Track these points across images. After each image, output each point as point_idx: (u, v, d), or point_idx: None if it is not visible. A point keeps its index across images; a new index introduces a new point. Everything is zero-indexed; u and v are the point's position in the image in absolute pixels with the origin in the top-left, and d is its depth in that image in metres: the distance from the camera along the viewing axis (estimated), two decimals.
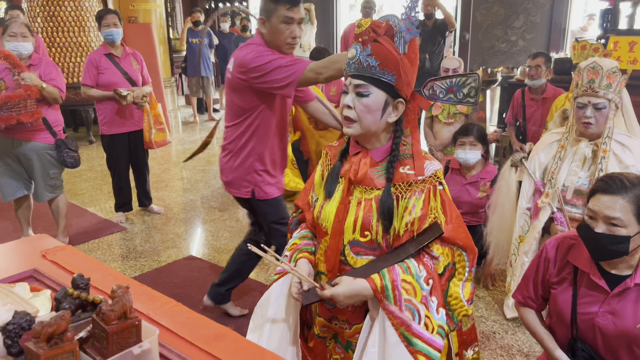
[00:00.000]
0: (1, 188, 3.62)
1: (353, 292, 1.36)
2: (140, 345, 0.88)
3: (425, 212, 1.43)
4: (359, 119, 1.43)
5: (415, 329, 1.34)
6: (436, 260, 1.42)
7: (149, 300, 1.23)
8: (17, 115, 3.18)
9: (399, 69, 1.39)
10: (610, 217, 1.47)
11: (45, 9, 6.80)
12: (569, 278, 1.64)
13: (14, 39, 3.32)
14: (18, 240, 1.63)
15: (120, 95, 3.94)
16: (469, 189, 3.34)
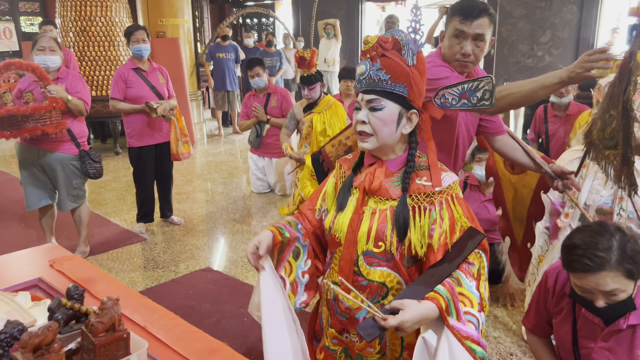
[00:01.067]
0: (26, 197, 3.71)
1: (422, 317, 1.32)
2: (128, 359, 0.88)
3: (452, 222, 1.44)
4: (375, 132, 1.44)
5: (477, 338, 1.35)
6: (472, 266, 1.43)
7: (148, 313, 1.24)
8: (43, 127, 3.27)
9: (410, 80, 1.41)
10: (607, 291, 1.44)
11: (77, 24, 7.01)
12: (567, 308, 1.61)
13: (42, 52, 3.43)
14: (29, 249, 1.65)
15: (151, 107, 4.02)
16: (487, 206, 3.28)
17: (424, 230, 1.44)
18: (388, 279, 1.48)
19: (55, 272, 1.47)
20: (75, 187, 3.71)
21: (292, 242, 1.64)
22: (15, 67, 3.25)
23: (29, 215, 4.62)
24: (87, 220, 3.96)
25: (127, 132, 4.23)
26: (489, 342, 2.82)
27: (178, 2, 8.13)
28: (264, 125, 5.38)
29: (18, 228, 4.61)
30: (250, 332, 2.93)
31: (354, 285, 1.50)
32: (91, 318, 0.88)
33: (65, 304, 0.97)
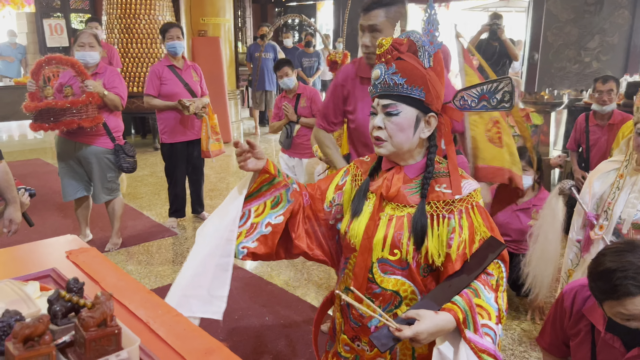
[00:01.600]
0: (63, 188, 3.84)
1: (438, 328, 1.27)
2: (118, 354, 0.88)
3: (472, 231, 1.39)
4: (390, 137, 1.39)
5: (494, 352, 1.30)
6: (491, 277, 1.37)
7: (152, 308, 1.24)
8: (79, 120, 3.37)
9: (427, 83, 1.36)
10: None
11: (122, 22, 7.21)
12: (585, 330, 1.52)
13: (82, 48, 3.54)
14: (48, 239, 1.70)
15: (183, 105, 4.09)
16: (519, 216, 3.18)
17: (442, 239, 1.39)
18: (402, 287, 1.43)
19: (70, 263, 1.50)
20: (110, 180, 3.80)
21: (280, 187, 1.54)
22: (55, 62, 3.36)
23: (68, 205, 4.76)
24: (121, 212, 4.05)
25: (160, 128, 4.31)
26: (515, 357, 2.73)
27: (220, 2, 8.25)
28: (294, 126, 5.38)
29: (57, 218, 4.77)
30: (270, 331, 2.93)
31: (368, 293, 1.47)
32: (83, 312, 0.89)
33: (64, 296, 0.98)
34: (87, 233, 4.17)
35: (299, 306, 3.21)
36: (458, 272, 1.38)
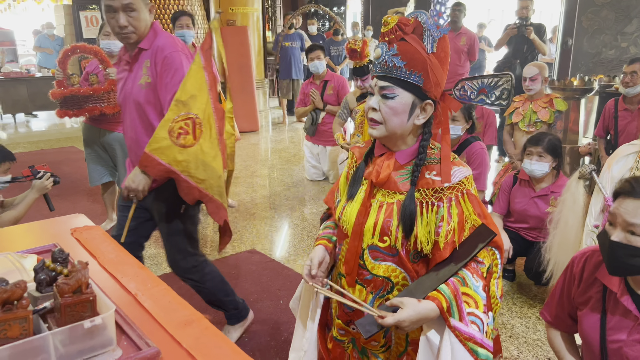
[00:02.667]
0: (89, 173, 3.97)
1: (420, 316, 1.29)
2: (92, 320, 0.92)
3: (461, 219, 1.38)
4: (385, 121, 1.38)
5: (480, 340, 1.31)
6: (482, 264, 1.37)
7: (143, 282, 1.30)
8: (101, 107, 3.48)
9: (427, 69, 1.34)
10: (629, 222, 1.29)
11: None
12: (596, 297, 1.45)
13: (107, 37, 3.64)
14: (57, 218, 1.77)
15: None
16: (537, 203, 3.12)
17: (430, 226, 1.38)
18: (393, 274, 1.44)
19: (73, 240, 1.56)
20: None
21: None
22: (80, 51, 3.47)
23: (97, 191, 4.93)
24: None
25: None
26: (528, 345, 2.69)
27: None
28: (320, 113, 5.40)
29: (86, 203, 4.94)
30: (283, 314, 2.98)
31: (360, 279, 1.48)
32: (59, 280, 0.94)
33: (48, 265, 1.04)
34: (114, 217, 4.31)
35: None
36: (447, 260, 1.38)
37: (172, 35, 2.24)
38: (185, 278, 2.46)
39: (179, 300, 1.22)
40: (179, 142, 1.99)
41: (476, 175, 3.22)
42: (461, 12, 6.07)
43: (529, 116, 3.97)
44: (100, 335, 0.93)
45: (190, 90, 2.02)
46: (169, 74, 2.08)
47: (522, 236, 3.22)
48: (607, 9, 7.15)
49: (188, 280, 2.47)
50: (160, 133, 1.97)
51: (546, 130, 3.83)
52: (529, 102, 3.99)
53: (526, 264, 3.17)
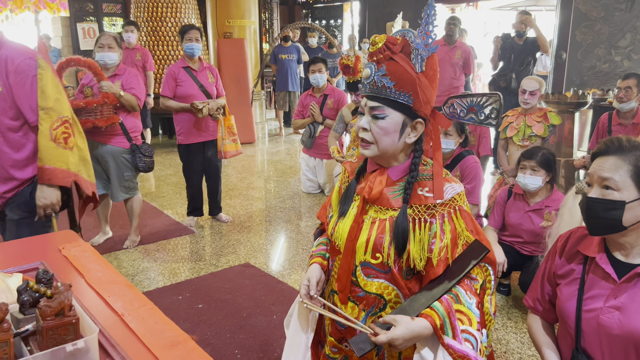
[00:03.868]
0: None
1: (413, 334, 1.27)
2: (74, 343, 0.91)
3: (454, 235, 1.37)
4: (376, 141, 1.38)
5: (474, 358, 1.29)
6: (475, 281, 1.37)
7: (130, 301, 1.28)
8: (94, 120, 3.47)
9: (416, 88, 1.33)
10: (603, 177, 1.32)
11: (149, 25, 7.38)
12: (576, 270, 1.46)
13: (101, 49, 3.64)
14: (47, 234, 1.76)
15: (196, 108, 4.14)
16: (532, 217, 3.12)
17: (423, 243, 1.37)
18: (386, 291, 1.43)
19: (62, 257, 1.55)
20: (127, 179, 3.89)
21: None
22: (74, 63, 3.47)
23: None
24: (139, 211, 4.15)
25: (176, 129, 4.39)
26: None
27: (246, 4, 8.35)
28: (318, 126, 5.39)
29: None
30: (276, 329, 2.95)
31: (352, 296, 1.47)
32: (42, 302, 0.92)
33: (32, 286, 1.02)
34: (107, 230, 4.29)
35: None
36: (440, 277, 1.37)
37: (19, 43, 2.25)
38: None
39: (165, 320, 1.20)
40: (68, 146, 2.15)
41: (470, 189, 3.22)
42: (456, 26, 6.11)
43: (523, 130, 3.98)
44: (82, 358, 0.92)
45: (52, 94, 2.13)
46: (26, 83, 2.13)
47: (517, 250, 3.21)
48: (600, 23, 7.20)
49: None
50: (46, 144, 2.09)
51: (540, 144, 3.85)
52: (522, 116, 4.00)
53: (521, 278, 3.16)
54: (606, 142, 1.39)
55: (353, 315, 1.46)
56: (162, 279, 3.61)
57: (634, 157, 1.31)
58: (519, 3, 10.28)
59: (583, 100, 4.95)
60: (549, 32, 8.00)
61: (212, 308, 3.20)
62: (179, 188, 5.86)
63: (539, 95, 3.94)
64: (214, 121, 4.38)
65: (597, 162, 1.37)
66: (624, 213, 1.30)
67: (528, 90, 3.91)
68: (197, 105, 4.13)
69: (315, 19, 13.22)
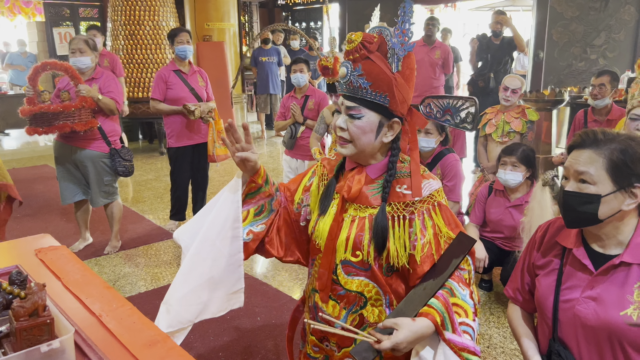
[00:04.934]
0: (61, 191, 3.89)
1: (417, 335, 1.26)
2: (49, 344, 0.89)
3: (435, 231, 1.38)
4: (353, 140, 1.38)
5: (473, 348, 1.30)
6: (464, 271, 1.38)
7: (108, 302, 1.26)
8: (72, 124, 3.41)
9: (392, 89, 1.33)
10: (579, 171, 1.33)
11: (127, 29, 7.31)
12: (554, 261, 1.47)
13: (73, 54, 3.60)
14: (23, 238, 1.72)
15: (188, 110, 4.11)
16: (512, 212, 3.15)
17: (403, 240, 1.38)
18: (366, 288, 1.43)
19: (38, 261, 1.52)
20: (107, 183, 3.84)
21: (265, 197, 1.54)
22: (50, 67, 3.41)
23: (70, 210, 4.83)
24: (119, 216, 4.09)
25: (167, 132, 4.34)
26: (505, 355, 2.70)
27: (224, 6, 8.32)
28: (299, 127, 5.37)
29: (59, 222, 4.84)
30: (260, 331, 2.94)
31: (333, 294, 1.47)
32: (14, 303, 0.90)
33: (5, 288, 1.00)
34: (87, 236, 4.23)
35: (292, 307, 3.20)
36: (430, 273, 1.37)
37: None
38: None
39: (144, 320, 1.19)
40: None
41: (451, 187, 3.24)
42: (435, 26, 6.16)
43: (502, 127, 4.02)
44: (58, 359, 0.90)
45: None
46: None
47: (498, 246, 3.24)
48: (576, 22, 7.33)
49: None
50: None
51: (519, 140, 3.89)
52: (501, 114, 4.05)
53: (502, 274, 3.18)
54: (581, 135, 1.39)
55: (335, 314, 1.46)
56: (144, 284, 3.57)
57: (608, 151, 1.31)
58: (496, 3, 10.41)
59: (560, 98, 5.02)
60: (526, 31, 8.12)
61: None
62: (160, 193, 5.80)
63: (519, 94, 3.99)
64: (205, 124, 4.34)
65: (573, 155, 1.38)
66: (600, 206, 1.31)
67: (510, 88, 3.95)
68: (189, 107, 4.09)
69: (295, 21, 13.23)
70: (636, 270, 1.33)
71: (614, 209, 1.33)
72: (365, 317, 1.44)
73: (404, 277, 1.44)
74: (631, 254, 1.34)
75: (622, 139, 1.33)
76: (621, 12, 7.09)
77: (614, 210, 1.33)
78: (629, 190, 1.32)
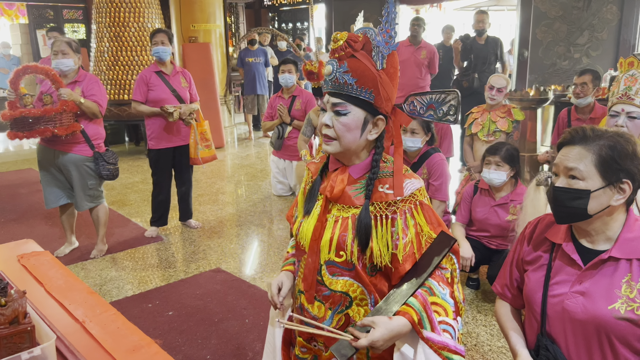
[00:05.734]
0: (45, 195, 3.85)
1: (393, 334, 1.27)
2: (30, 351, 0.88)
3: (417, 230, 1.39)
4: (338, 137, 1.39)
5: (454, 347, 1.31)
6: (445, 270, 1.38)
7: (91, 308, 1.25)
8: (53, 128, 3.37)
9: (377, 85, 1.35)
10: (568, 167, 1.35)
11: (112, 30, 7.25)
12: (543, 257, 1.49)
13: (56, 56, 3.56)
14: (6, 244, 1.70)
15: (166, 111, 4.08)
16: (497, 211, 3.17)
17: (386, 239, 1.39)
18: (351, 288, 1.43)
19: (20, 267, 1.50)
20: (91, 187, 3.81)
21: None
22: (31, 71, 3.37)
23: (55, 214, 4.78)
24: (105, 220, 4.06)
25: (147, 134, 4.31)
26: (492, 352, 2.72)
27: (210, 7, 8.28)
28: (286, 127, 5.38)
29: (44, 227, 4.78)
30: (248, 333, 2.93)
31: (318, 295, 1.47)
32: None
33: None
34: (73, 240, 4.18)
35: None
36: (411, 273, 1.38)
37: None
38: None
39: (128, 325, 1.18)
40: None
41: (437, 186, 3.26)
42: (420, 26, 6.20)
43: (488, 126, 4.05)
44: None
45: None
46: None
47: (484, 244, 3.26)
48: (559, 21, 7.41)
49: None
50: None
51: (504, 140, 3.92)
52: (487, 113, 4.08)
53: (489, 272, 3.21)
54: (571, 132, 1.41)
55: (320, 314, 1.46)
56: (131, 287, 3.54)
57: (597, 147, 1.33)
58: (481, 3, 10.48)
59: (544, 97, 5.07)
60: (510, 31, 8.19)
61: (182, 315, 3.15)
62: (146, 195, 5.75)
63: (505, 93, 4.02)
64: (187, 126, 4.31)
65: (563, 151, 1.40)
66: (589, 202, 1.33)
67: (496, 86, 3.98)
68: (167, 109, 4.06)
69: (282, 22, 13.22)
70: (624, 265, 1.35)
71: (603, 205, 1.35)
72: (351, 317, 1.44)
73: (388, 277, 1.45)
74: (619, 249, 1.36)
75: (611, 135, 1.35)
76: (604, 12, 7.17)
77: (603, 205, 1.35)
78: (617, 185, 1.34)
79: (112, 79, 7.31)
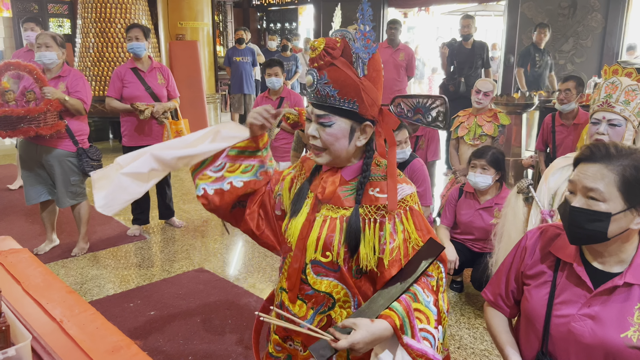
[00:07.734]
0: (26, 191, 3.78)
1: (374, 337, 1.25)
2: (4, 352, 0.86)
3: (405, 236, 1.37)
4: (327, 148, 1.37)
5: (432, 356, 1.28)
6: (431, 278, 1.36)
7: (69, 308, 1.22)
8: (37, 128, 3.31)
9: (360, 94, 1.32)
10: (588, 187, 1.25)
11: (97, 26, 7.17)
12: (547, 273, 1.41)
13: (39, 49, 3.50)
14: None
15: (136, 109, 4.00)
16: (482, 214, 3.19)
17: (373, 243, 1.37)
18: (335, 290, 1.42)
19: None
20: (73, 183, 3.75)
21: (256, 160, 1.60)
22: (13, 68, 3.31)
23: (36, 210, 4.70)
24: (87, 217, 4.00)
25: (121, 130, 4.25)
26: (475, 355, 2.73)
27: (198, 5, 8.24)
28: (274, 129, 5.35)
29: (24, 223, 4.70)
30: (232, 334, 2.91)
31: (301, 294, 1.45)
32: None
33: None
34: (54, 238, 4.12)
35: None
36: (397, 277, 1.36)
37: None
38: None
39: (107, 325, 1.16)
40: None
41: (421, 192, 3.26)
42: (397, 29, 6.28)
43: (474, 130, 4.07)
44: None
45: None
46: None
47: (468, 247, 3.28)
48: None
49: None
50: None
51: (490, 144, 3.95)
52: (473, 117, 4.10)
53: (473, 275, 3.22)
54: (591, 148, 1.30)
55: (301, 314, 1.45)
56: (113, 286, 3.49)
57: (621, 167, 1.24)
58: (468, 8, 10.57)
59: (530, 102, 5.12)
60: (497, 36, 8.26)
61: (164, 315, 3.11)
62: None
63: (491, 97, 4.04)
64: (160, 125, 4.21)
65: (581, 168, 1.29)
66: (610, 225, 1.24)
67: (482, 90, 4.00)
68: (137, 107, 3.98)
69: (270, 22, 13.19)
70: (637, 291, 1.28)
71: (623, 228, 1.26)
72: (333, 318, 1.43)
73: (373, 280, 1.43)
74: (633, 275, 1.29)
75: (634, 154, 1.26)
76: (588, 19, 7.27)
77: (623, 228, 1.26)
78: (639, 208, 1.26)
79: (97, 75, 7.22)
